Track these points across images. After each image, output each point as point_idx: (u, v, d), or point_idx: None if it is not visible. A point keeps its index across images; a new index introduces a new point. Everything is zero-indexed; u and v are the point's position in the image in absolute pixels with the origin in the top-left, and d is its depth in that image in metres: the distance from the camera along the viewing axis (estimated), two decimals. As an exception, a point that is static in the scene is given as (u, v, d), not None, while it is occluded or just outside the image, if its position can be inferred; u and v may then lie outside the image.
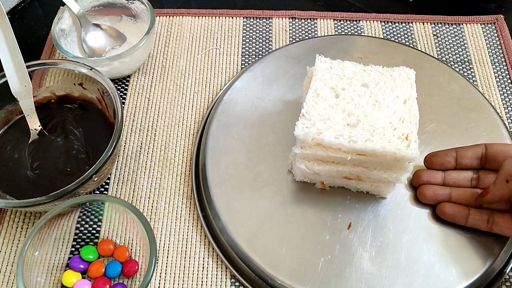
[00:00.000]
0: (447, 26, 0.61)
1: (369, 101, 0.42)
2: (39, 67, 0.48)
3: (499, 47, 0.59)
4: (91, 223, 0.45)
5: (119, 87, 0.56)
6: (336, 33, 0.60)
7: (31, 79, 0.46)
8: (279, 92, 0.52)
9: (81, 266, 0.42)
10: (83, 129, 0.49)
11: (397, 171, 0.41)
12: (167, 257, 0.44)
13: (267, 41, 0.60)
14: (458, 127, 0.48)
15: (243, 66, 0.57)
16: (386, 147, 0.39)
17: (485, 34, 0.60)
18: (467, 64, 0.58)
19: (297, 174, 0.45)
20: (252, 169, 0.46)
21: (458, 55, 0.58)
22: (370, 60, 0.53)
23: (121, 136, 0.45)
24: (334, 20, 0.62)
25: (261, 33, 0.60)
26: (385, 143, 0.39)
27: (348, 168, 0.42)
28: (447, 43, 0.59)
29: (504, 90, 0.55)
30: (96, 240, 0.45)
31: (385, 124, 0.40)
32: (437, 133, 0.49)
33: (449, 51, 0.59)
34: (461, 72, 0.57)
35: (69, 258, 0.43)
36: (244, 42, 0.60)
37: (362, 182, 0.44)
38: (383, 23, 0.61)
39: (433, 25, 0.61)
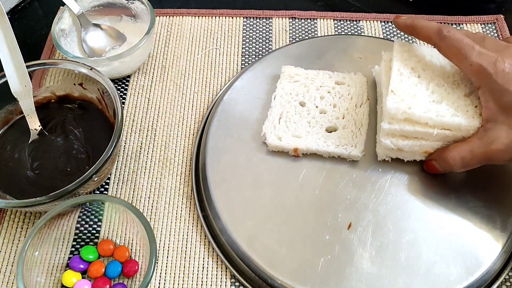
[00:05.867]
0: (447, 26, 0.61)
1: (448, 81, 0.44)
2: (39, 67, 0.48)
3: (499, 47, 0.59)
4: (91, 223, 0.45)
5: (119, 87, 0.56)
6: (336, 33, 0.60)
7: (31, 79, 0.46)
8: (279, 92, 0.52)
9: (81, 266, 0.42)
10: (83, 129, 0.49)
11: None
12: (167, 257, 0.44)
13: (267, 41, 0.60)
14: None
15: (243, 66, 0.57)
16: (471, 123, 0.41)
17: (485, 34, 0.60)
18: (467, 64, 0.57)
19: (270, 146, 0.47)
20: (252, 169, 0.46)
21: (458, 55, 0.58)
22: (370, 60, 0.53)
23: (121, 136, 0.45)
24: (334, 20, 0.62)
25: (261, 33, 0.60)
26: (469, 118, 0.41)
27: (430, 143, 0.43)
28: (447, 43, 0.59)
29: (504, 90, 0.55)
30: (96, 240, 0.45)
31: (466, 102, 0.42)
32: (437, 133, 0.49)
33: (449, 51, 0.59)
34: (461, 72, 0.57)
35: (69, 258, 0.43)
36: (244, 42, 0.60)
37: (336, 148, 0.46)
38: (383, 23, 0.61)
39: (433, 25, 0.61)
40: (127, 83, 0.56)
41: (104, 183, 0.49)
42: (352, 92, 0.50)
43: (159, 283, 0.43)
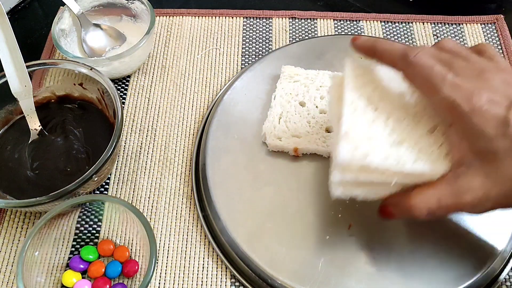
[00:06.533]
0: (447, 26, 0.61)
1: (409, 114, 0.37)
2: (39, 67, 0.48)
3: (499, 47, 0.59)
4: (91, 223, 0.45)
5: (119, 87, 0.56)
6: (336, 33, 0.60)
7: (31, 79, 0.46)
8: (279, 92, 0.52)
9: (81, 266, 0.42)
10: (83, 129, 0.49)
11: None
12: (167, 257, 0.44)
13: (267, 41, 0.60)
14: (458, 127, 0.48)
15: (243, 66, 0.57)
16: (435, 168, 0.34)
17: (485, 34, 0.60)
18: (467, 64, 0.57)
19: (270, 146, 0.47)
20: (252, 169, 0.46)
21: (458, 55, 0.58)
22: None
23: (121, 136, 0.45)
24: (334, 20, 0.62)
25: (261, 33, 0.60)
26: (433, 163, 0.35)
27: (389, 189, 0.37)
28: (447, 43, 0.59)
29: (504, 90, 0.55)
30: (96, 240, 0.45)
31: (429, 141, 0.36)
32: (437, 133, 0.48)
33: (449, 51, 0.59)
34: (461, 72, 0.57)
35: (69, 258, 0.43)
36: (244, 42, 0.60)
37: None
38: (383, 23, 0.61)
39: (433, 25, 0.61)
40: (127, 83, 0.56)
41: (104, 183, 0.49)
42: None
43: (159, 283, 0.43)
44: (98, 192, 0.48)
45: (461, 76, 0.33)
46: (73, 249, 0.44)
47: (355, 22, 0.61)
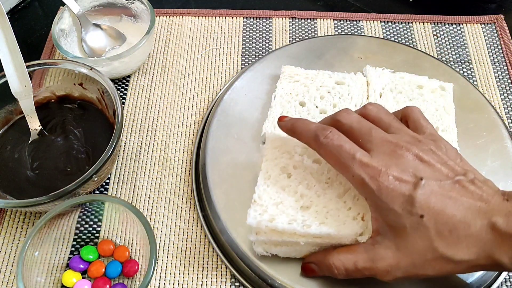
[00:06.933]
0: (447, 26, 0.61)
1: (321, 180, 0.41)
2: (39, 67, 0.48)
3: (499, 47, 0.59)
4: (91, 223, 0.45)
5: (119, 87, 0.56)
6: (336, 33, 0.60)
7: (31, 79, 0.46)
8: (279, 92, 0.52)
9: (81, 266, 0.42)
10: (83, 129, 0.49)
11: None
12: (167, 257, 0.44)
13: (267, 41, 0.60)
14: (458, 127, 0.48)
15: (243, 66, 0.57)
16: (341, 230, 0.37)
17: (485, 34, 0.60)
18: (467, 64, 0.58)
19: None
20: (252, 169, 0.46)
21: (458, 55, 0.58)
22: (370, 60, 0.53)
23: (121, 136, 0.45)
24: (334, 20, 0.62)
25: (261, 33, 0.60)
26: (340, 225, 0.38)
27: (307, 248, 0.40)
28: (447, 43, 0.59)
29: (504, 90, 0.55)
30: (96, 240, 0.45)
31: (338, 205, 0.39)
32: (437, 133, 0.48)
33: (449, 51, 0.59)
34: (461, 72, 0.57)
35: (69, 258, 0.43)
36: (244, 42, 0.60)
37: None
38: (383, 23, 0.61)
39: (433, 25, 0.61)
40: (127, 83, 0.56)
41: (104, 183, 0.49)
42: (352, 92, 0.50)
43: (159, 283, 0.43)
44: (98, 192, 0.48)
45: (373, 151, 0.35)
46: (73, 249, 0.44)
47: (355, 22, 0.61)
